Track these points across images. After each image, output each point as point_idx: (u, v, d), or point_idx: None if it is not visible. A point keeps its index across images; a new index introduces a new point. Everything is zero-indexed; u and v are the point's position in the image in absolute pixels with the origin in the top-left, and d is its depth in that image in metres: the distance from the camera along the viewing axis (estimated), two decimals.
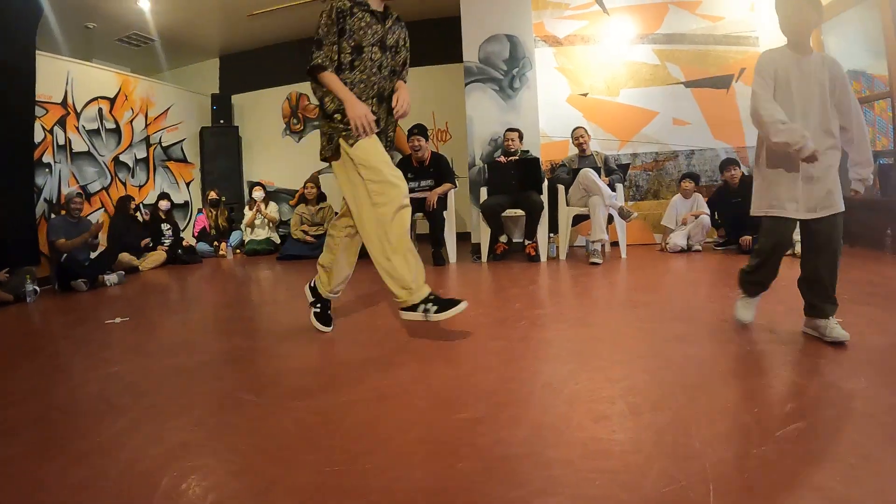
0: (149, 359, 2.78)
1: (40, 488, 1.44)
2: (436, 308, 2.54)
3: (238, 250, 8.04)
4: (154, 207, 7.36)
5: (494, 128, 6.43)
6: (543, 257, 5.62)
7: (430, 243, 5.79)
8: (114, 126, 7.38)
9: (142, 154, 7.92)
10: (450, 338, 2.74)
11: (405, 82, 2.83)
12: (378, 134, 2.66)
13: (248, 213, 8.06)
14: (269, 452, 1.58)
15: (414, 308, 2.57)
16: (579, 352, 2.47)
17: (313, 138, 8.97)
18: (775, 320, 2.78)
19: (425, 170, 5.94)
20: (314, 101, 8.81)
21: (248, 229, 8.04)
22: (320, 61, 2.57)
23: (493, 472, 1.41)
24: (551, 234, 5.81)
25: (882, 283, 3.64)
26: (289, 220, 7.95)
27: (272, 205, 8.19)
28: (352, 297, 3.84)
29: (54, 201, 6.24)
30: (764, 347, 2.37)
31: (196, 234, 8.09)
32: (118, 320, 3.66)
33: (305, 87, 8.96)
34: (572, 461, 1.44)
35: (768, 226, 2.46)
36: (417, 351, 2.58)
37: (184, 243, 7.48)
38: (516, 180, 5.68)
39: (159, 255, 6.92)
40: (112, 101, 7.36)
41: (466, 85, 6.45)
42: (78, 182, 6.66)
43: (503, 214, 5.71)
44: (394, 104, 2.67)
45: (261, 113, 9.23)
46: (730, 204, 5.74)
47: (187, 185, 8.80)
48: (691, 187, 5.97)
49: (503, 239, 5.86)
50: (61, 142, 6.48)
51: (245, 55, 9.17)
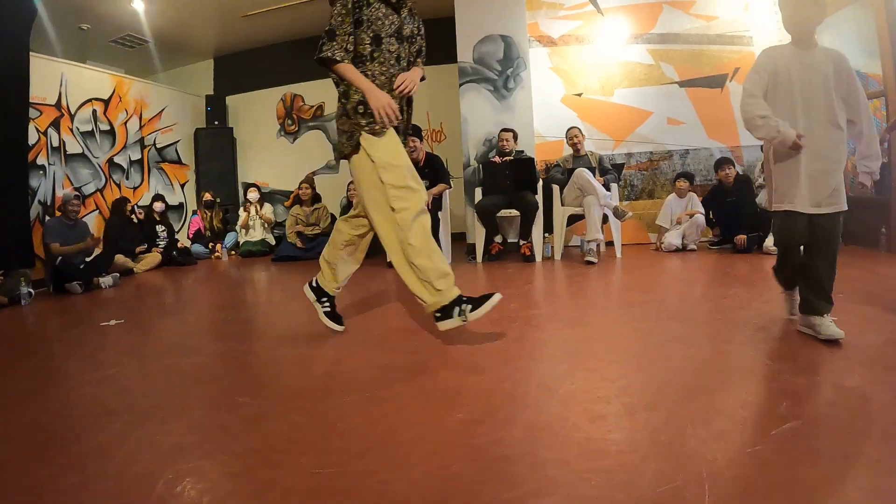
0: (144, 361, 2.78)
1: (35, 492, 1.44)
2: (470, 307, 2.44)
3: (233, 252, 8.03)
4: (149, 209, 7.33)
5: (489, 128, 6.43)
6: (538, 257, 5.62)
7: None
8: (108, 128, 7.36)
9: (136, 156, 7.89)
10: (445, 339, 2.74)
11: (421, 69, 2.73)
12: (397, 130, 2.58)
13: (242, 215, 8.04)
14: (265, 454, 1.58)
15: (448, 314, 2.46)
16: (574, 352, 2.48)
17: (308, 139, 8.96)
18: (771, 319, 2.79)
19: (420, 170, 5.91)
20: (309, 101, 8.93)
21: (243, 231, 8.02)
22: (331, 53, 2.46)
23: (489, 473, 1.41)
24: (546, 235, 5.82)
25: (877, 281, 3.66)
26: (283, 221, 7.94)
27: (267, 206, 8.17)
28: (347, 299, 3.83)
29: (48, 203, 6.21)
30: (759, 346, 2.38)
31: (191, 236, 8.07)
32: (113, 322, 3.65)
33: (300, 88, 8.96)
34: (568, 461, 1.44)
35: (779, 221, 2.50)
36: (412, 352, 2.58)
37: (179, 245, 7.45)
38: (511, 180, 5.68)
39: (154, 257, 6.89)
40: (106, 102, 7.34)
41: (461, 85, 6.46)
42: (72, 184, 6.63)
43: (498, 215, 5.71)
44: (397, 83, 2.56)
45: (255, 114, 9.21)
46: (724, 203, 5.76)
47: (182, 186, 8.78)
48: (686, 187, 5.99)
49: (498, 239, 5.87)
50: (55, 144, 6.46)
51: (239, 56, 9.14)
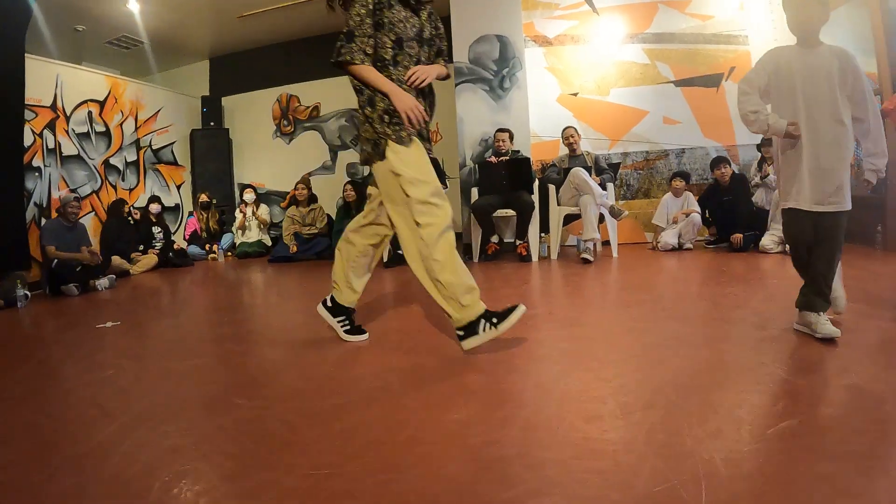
0: (140, 363, 2.77)
1: (33, 494, 1.44)
2: (496, 320, 2.39)
3: (229, 253, 8.02)
4: (145, 211, 7.32)
5: (485, 128, 6.44)
6: (535, 257, 5.63)
7: None
8: (103, 129, 7.34)
9: (132, 157, 7.88)
10: (440, 339, 2.74)
11: (444, 68, 2.64)
12: (421, 137, 2.50)
13: (239, 216, 8.04)
14: (261, 456, 1.58)
15: (474, 331, 2.39)
16: (571, 351, 2.48)
17: (304, 140, 8.95)
18: (766, 318, 2.80)
19: None
20: (305, 102, 8.92)
21: (240, 232, 8.03)
22: (350, 56, 2.36)
23: (486, 473, 1.41)
24: (542, 234, 5.83)
25: (872, 279, 3.67)
26: (280, 222, 7.94)
27: (263, 207, 8.17)
28: None
29: (44, 205, 6.20)
30: (755, 345, 2.38)
31: (187, 237, 8.06)
32: (109, 324, 3.65)
33: (295, 89, 8.95)
34: (564, 461, 1.44)
35: (785, 218, 2.52)
36: (408, 353, 2.58)
37: (175, 246, 7.45)
38: (507, 180, 5.69)
39: (150, 259, 6.88)
40: (102, 103, 7.32)
41: (456, 85, 6.46)
42: (68, 186, 6.62)
43: (494, 215, 5.72)
44: (409, 73, 2.46)
45: (251, 115, 9.20)
46: (720, 202, 5.77)
47: (178, 187, 8.77)
48: (682, 186, 6.00)
49: (494, 239, 5.88)
50: (51, 145, 6.44)
51: (235, 57, 9.14)
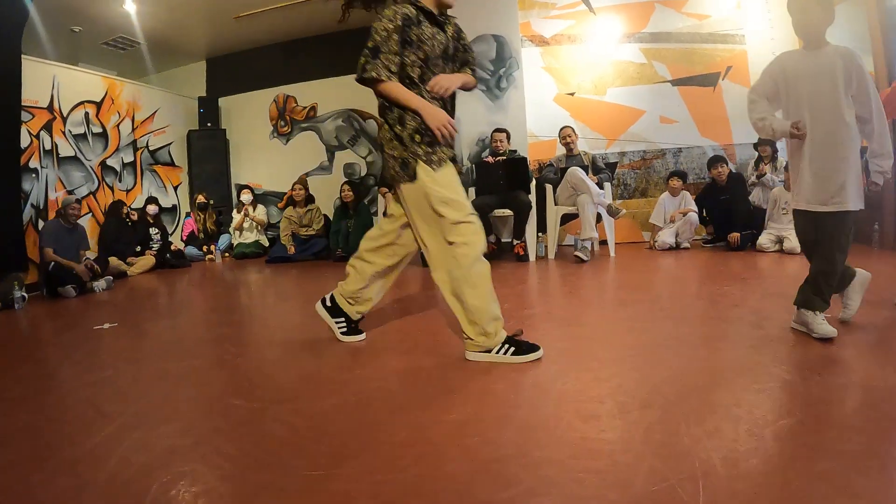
0: (137, 364, 2.77)
1: (30, 496, 1.43)
2: (513, 350, 2.33)
3: (227, 254, 8.01)
4: (142, 212, 7.31)
5: (482, 128, 6.44)
6: (532, 257, 5.63)
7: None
8: (100, 130, 7.32)
9: (129, 158, 7.86)
10: (437, 339, 2.75)
11: (469, 77, 2.56)
12: (452, 160, 2.42)
13: (236, 217, 8.03)
14: (258, 457, 1.58)
15: (488, 350, 2.35)
16: (568, 351, 2.47)
17: (301, 140, 8.93)
18: (764, 317, 2.80)
19: None
20: (302, 103, 8.90)
21: (237, 232, 8.02)
22: (375, 73, 2.28)
23: (483, 474, 1.41)
24: (540, 234, 5.83)
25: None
26: (277, 222, 7.93)
27: (260, 207, 8.16)
28: None
29: (41, 207, 6.18)
30: (752, 344, 2.38)
31: (185, 238, 8.06)
32: (107, 326, 3.64)
33: (292, 90, 8.93)
34: (561, 461, 1.44)
35: (795, 219, 2.54)
36: (405, 354, 2.58)
37: (172, 247, 7.45)
38: (504, 180, 5.69)
39: (148, 260, 6.87)
40: (98, 105, 7.30)
41: None
42: (65, 187, 6.60)
43: (491, 214, 5.71)
44: (431, 83, 2.38)
45: (248, 115, 9.17)
46: (717, 201, 5.78)
47: (175, 188, 8.74)
48: (679, 185, 6.01)
49: (492, 239, 5.88)
50: (48, 147, 6.42)
51: (232, 57, 9.11)
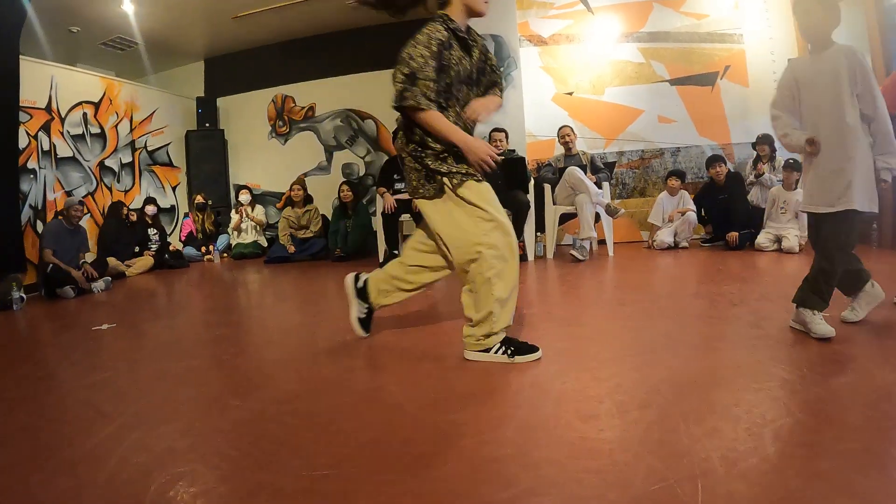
0: (136, 365, 2.77)
1: (29, 497, 1.43)
2: (511, 350, 2.31)
3: (225, 254, 8.00)
4: (141, 212, 7.30)
5: (480, 128, 6.31)
6: (531, 256, 5.63)
7: None
8: (98, 131, 7.31)
9: (127, 159, 7.85)
10: (436, 339, 2.75)
11: (499, 98, 2.54)
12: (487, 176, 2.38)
13: (234, 217, 8.02)
14: (257, 457, 1.58)
15: (487, 350, 2.33)
16: (567, 351, 2.48)
17: (299, 141, 8.92)
18: (762, 316, 2.81)
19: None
20: (300, 103, 8.89)
21: (235, 233, 8.00)
22: (415, 101, 2.18)
23: (481, 474, 1.41)
24: (538, 234, 5.83)
25: None
26: (275, 223, 7.93)
27: (259, 208, 8.15)
28: (338, 300, 3.81)
29: (39, 208, 6.17)
30: (751, 343, 2.39)
31: (183, 239, 8.05)
32: (105, 326, 3.64)
33: (290, 90, 8.92)
34: (560, 461, 1.44)
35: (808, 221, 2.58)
36: (403, 354, 2.58)
37: (171, 248, 7.44)
38: (502, 180, 5.66)
39: (146, 261, 6.86)
40: (97, 105, 7.29)
41: None
42: (63, 188, 6.59)
43: None
44: (468, 109, 2.38)
45: (246, 116, 9.16)
46: (716, 200, 5.79)
47: (173, 189, 8.73)
48: (677, 185, 6.01)
49: None
50: (46, 147, 6.40)
51: (230, 58, 9.09)
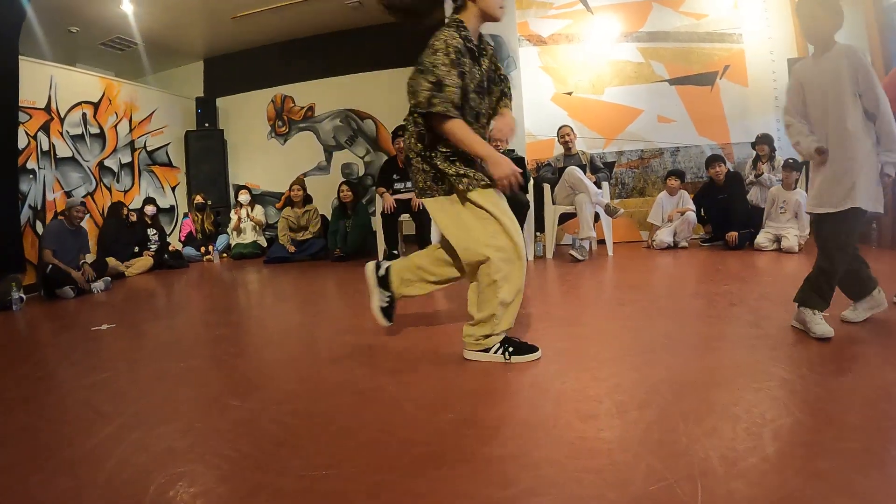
0: (135, 365, 2.77)
1: (28, 497, 1.43)
2: (511, 350, 2.30)
3: (225, 254, 8.00)
4: (140, 212, 7.30)
5: None
6: (530, 256, 5.62)
7: (416, 243, 5.79)
8: (98, 131, 7.31)
9: (126, 159, 7.85)
10: (435, 339, 2.75)
11: (510, 109, 2.47)
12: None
13: (234, 217, 8.02)
14: (256, 457, 1.58)
15: (486, 350, 2.32)
16: (567, 351, 2.48)
17: (298, 141, 8.93)
18: (762, 316, 2.81)
19: (403, 172, 5.92)
20: (299, 103, 8.90)
21: (235, 233, 8.00)
22: (443, 109, 2.11)
23: (481, 474, 1.41)
24: (538, 233, 5.83)
25: None
26: (275, 223, 7.93)
27: (258, 208, 8.15)
28: (337, 299, 3.82)
29: (39, 208, 6.17)
30: (751, 343, 2.39)
31: (182, 239, 8.05)
32: (105, 327, 3.63)
33: (289, 90, 8.93)
34: (560, 461, 1.44)
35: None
36: (402, 354, 2.58)
37: (170, 248, 7.44)
38: None
39: (146, 261, 6.86)
40: (96, 105, 7.29)
41: None
42: (63, 188, 6.59)
43: None
44: (493, 131, 2.34)
45: (246, 116, 9.17)
46: (715, 200, 5.79)
47: (173, 189, 8.74)
48: (677, 185, 6.01)
49: None
50: (45, 147, 6.41)
51: (229, 58, 9.10)
